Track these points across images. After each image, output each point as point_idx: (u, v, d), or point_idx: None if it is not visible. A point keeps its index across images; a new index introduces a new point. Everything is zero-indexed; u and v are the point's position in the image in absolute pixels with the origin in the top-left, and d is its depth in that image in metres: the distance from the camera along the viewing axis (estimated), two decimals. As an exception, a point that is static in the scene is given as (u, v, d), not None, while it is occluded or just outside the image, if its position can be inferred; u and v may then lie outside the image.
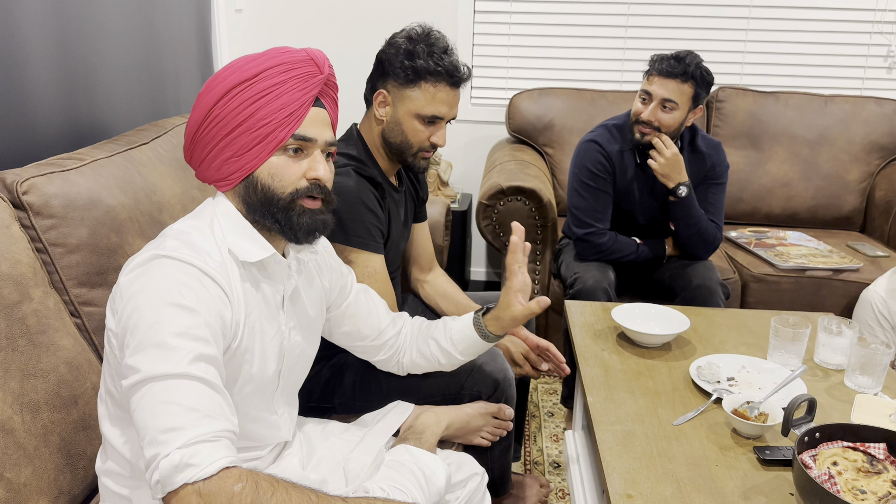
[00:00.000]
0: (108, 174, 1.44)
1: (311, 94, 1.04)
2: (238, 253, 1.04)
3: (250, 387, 1.08)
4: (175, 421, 0.87)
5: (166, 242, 1.00)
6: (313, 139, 1.05)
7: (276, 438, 1.18)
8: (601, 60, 3.18)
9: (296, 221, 1.05)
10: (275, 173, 1.04)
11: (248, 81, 1.02)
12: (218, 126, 1.03)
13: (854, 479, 1.13)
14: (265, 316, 1.09)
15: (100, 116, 1.78)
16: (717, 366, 1.55)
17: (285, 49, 1.06)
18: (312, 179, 1.06)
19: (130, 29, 1.91)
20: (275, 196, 1.04)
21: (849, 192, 2.90)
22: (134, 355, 0.91)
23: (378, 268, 1.49)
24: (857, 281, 2.39)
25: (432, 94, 1.48)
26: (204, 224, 1.05)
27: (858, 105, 2.93)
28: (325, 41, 3.24)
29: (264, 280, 1.09)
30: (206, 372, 0.92)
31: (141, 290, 0.94)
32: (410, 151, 1.53)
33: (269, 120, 1.02)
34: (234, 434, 0.93)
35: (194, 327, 0.93)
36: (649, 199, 2.25)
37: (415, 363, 1.40)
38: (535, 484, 1.86)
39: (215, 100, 1.03)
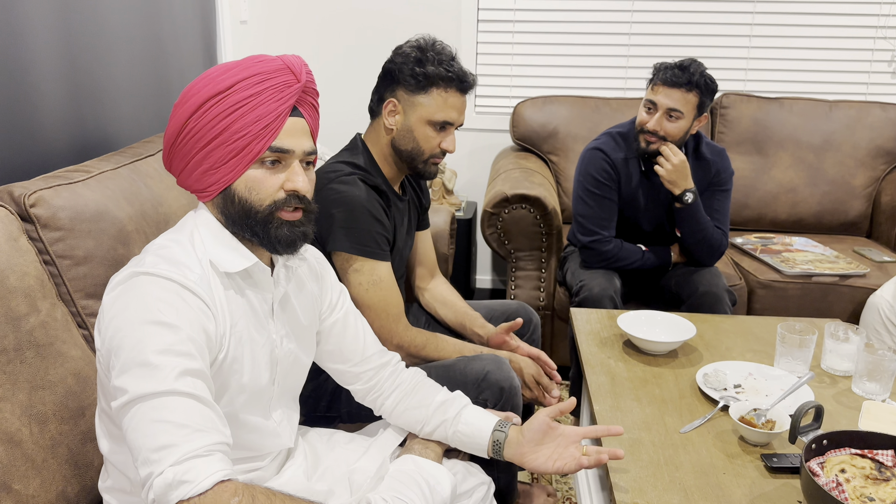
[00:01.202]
0: (114, 186, 1.45)
1: (288, 105, 1.02)
2: (218, 264, 1.03)
3: (244, 396, 1.07)
4: (166, 438, 0.87)
5: (146, 258, 1.00)
6: (290, 150, 1.03)
7: (276, 446, 1.17)
8: (605, 68, 3.19)
9: (274, 234, 1.04)
10: (252, 186, 1.03)
11: (221, 94, 1.00)
12: (193, 139, 1.02)
13: (862, 486, 1.12)
14: (253, 325, 1.08)
15: (106, 128, 1.80)
16: (724, 373, 1.54)
17: (260, 58, 1.04)
18: (290, 191, 1.04)
19: (136, 41, 1.93)
20: (252, 209, 1.03)
21: (855, 197, 2.89)
22: (120, 376, 0.91)
23: (384, 275, 1.49)
24: (864, 286, 2.38)
25: (444, 100, 1.50)
26: (184, 237, 1.05)
27: (863, 110, 2.92)
28: (329, 53, 3.26)
29: (250, 289, 1.08)
30: (194, 386, 0.92)
31: (122, 311, 0.94)
32: (422, 158, 1.55)
33: (244, 133, 1.00)
34: (228, 446, 0.93)
35: (177, 343, 0.93)
36: (654, 206, 2.25)
37: (396, 417, 1.30)
38: (542, 493, 1.85)
39: (190, 112, 1.01)
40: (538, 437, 1.21)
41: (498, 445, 1.23)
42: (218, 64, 2.57)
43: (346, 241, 1.47)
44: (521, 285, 2.50)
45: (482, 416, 1.26)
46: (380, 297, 1.48)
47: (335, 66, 3.27)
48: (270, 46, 3.25)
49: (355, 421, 1.55)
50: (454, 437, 1.26)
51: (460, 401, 1.29)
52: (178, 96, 2.15)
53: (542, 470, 1.20)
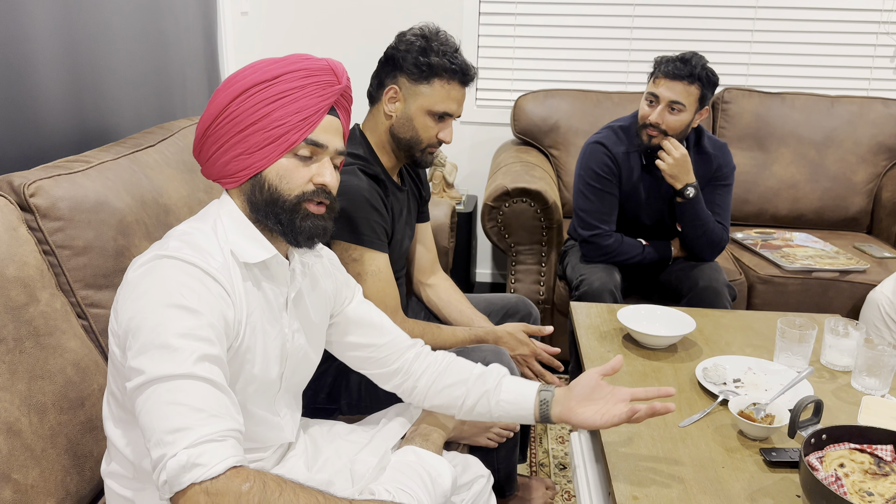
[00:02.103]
0: (114, 177, 1.45)
1: (328, 102, 1.05)
2: (239, 254, 1.05)
3: (253, 387, 1.08)
4: (181, 421, 0.88)
5: (169, 243, 1.01)
6: (325, 145, 1.06)
7: (279, 440, 1.18)
8: (607, 62, 3.18)
9: (298, 225, 1.06)
10: (283, 175, 1.05)
11: (267, 82, 1.03)
12: (232, 122, 1.04)
13: (861, 480, 1.12)
14: (267, 317, 1.09)
15: (107, 119, 1.79)
16: (724, 367, 1.54)
17: (307, 56, 1.07)
18: (319, 184, 1.06)
19: (137, 32, 1.92)
20: (281, 197, 1.05)
21: (855, 193, 2.89)
22: (137, 357, 0.92)
23: (382, 266, 1.49)
24: (864, 282, 2.38)
25: (446, 92, 1.50)
26: (207, 225, 1.06)
27: (865, 106, 2.92)
28: (330, 44, 3.25)
29: (267, 281, 1.09)
30: (211, 372, 0.92)
31: (144, 293, 0.95)
32: (419, 147, 1.55)
33: (284, 122, 1.02)
34: (241, 433, 0.93)
35: (197, 328, 0.93)
36: (655, 200, 2.25)
37: (432, 398, 1.28)
38: (541, 486, 1.85)
39: (232, 97, 1.04)
40: (587, 392, 1.20)
41: (545, 405, 1.21)
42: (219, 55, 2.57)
43: (346, 230, 1.46)
44: (521, 279, 2.50)
45: (524, 382, 1.25)
46: (378, 288, 1.48)
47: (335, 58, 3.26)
48: (272, 38, 3.25)
49: (355, 413, 1.55)
50: (497, 407, 1.24)
51: (499, 370, 1.28)
52: (178, 86, 2.15)
53: (591, 423, 1.16)
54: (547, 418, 1.21)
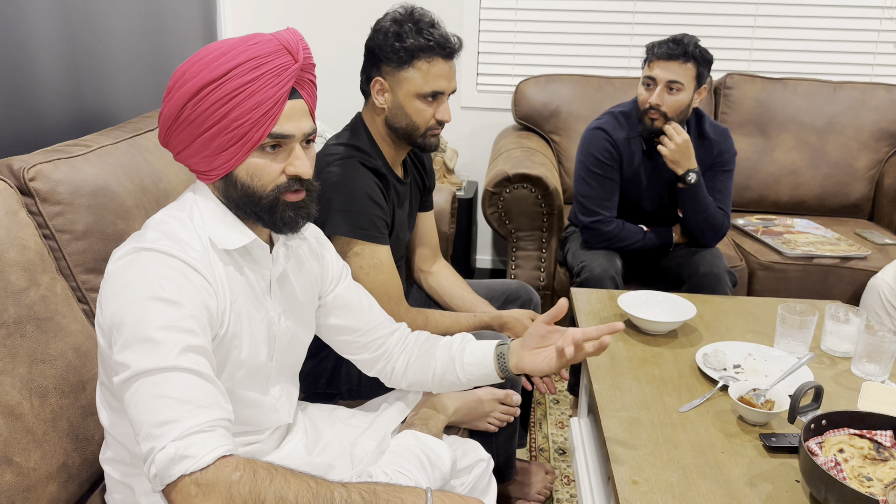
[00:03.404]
0: (114, 161, 1.44)
1: (286, 89, 1.00)
2: (218, 241, 1.03)
3: (242, 372, 1.08)
4: (168, 414, 0.88)
5: (147, 234, 1.00)
6: (291, 135, 1.01)
7: (275, 422, 1.17)
8: (608, 46, 3.16)
9: (279, 217, 1.04)
10: (254, 173, 1.01)
11: (217, 81, 0.97)
12: (192, 126, 1.00)
13: (860, 466, 1.13)
14: (251, 301, 1.08)
15: (106, 103, 1.78)
16: (724, 353, 1.54)
17: (256, 39, 1.00)
18: (292, 175, 1.02)
19: (135, 15, 1.91)
20: (256, 195, 1.02)
21: (857, 179, 2.88)
22: (122, 352, 0.91)
23: (384, 259, 1.49)
24: (865, 269, 2.38)
25: (427, 71, 1.47)
26: (184, 213, 1.04)
27: (868, 92, 2.90)
28: (328, 25, 3.22)
29: (248, 265, 1.08)
30: (196, 363, 0.92)
31: (124, 287, 0.94)
32: (418, 133, 1.52)
33: (243, 121, 0.98)
34: (230, 422, 0.93)
35: (179, 319, 0.93)
36: (656, 186, 2.24)
37: (408, 376, 1.31)
38: (541, 470, 1.86)
39: (186, 98, 0.99)
40: (537, 340, 1.21)
41: (503, 358, 1.23)
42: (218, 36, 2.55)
43: (345, 224, 1.46)
44: (522, 265, 2.50)
45: (485, 342, 1.27)
46: (380, 280, 1.47)
47: (333, 40, 3.24)
48: (271, 17, 3.22)
49: (355, 398, 1.56)
50: (463, 371, 1.26)
51: (464, 336, 1.30)
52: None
53: (540, 369, 1.19)
54: (506, 370, 1.24)
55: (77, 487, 1.17)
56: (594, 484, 1.78)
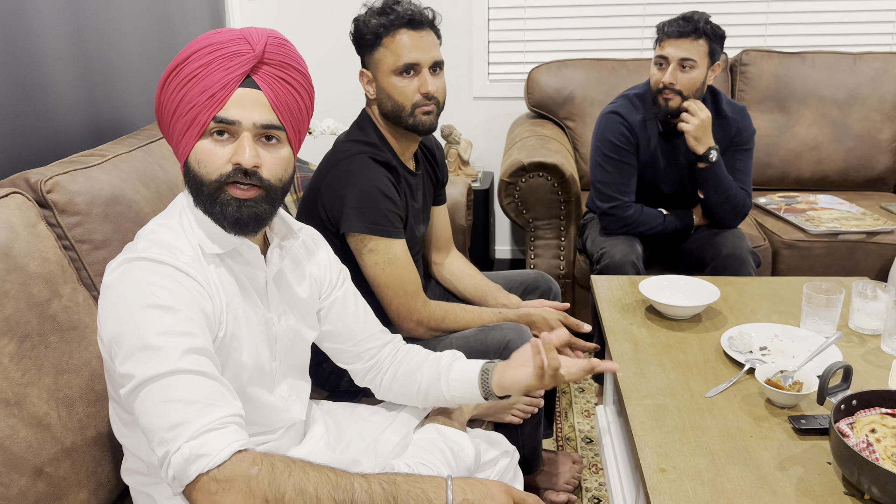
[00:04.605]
0: (129, 169, 1.45)
1: (236, 74, 0.97)
2: (205, 246, 1.03)
3: (246, 374, 1.08)
4: (178, 417, 0.88)
5: (138, 244, 1.00)
6: (236, 121, 0.98)
7: (286, 421, 1.17)
8: (620, 28, 3.12)
9: (219, 211, 1.00)
10: (201, 159, 0.99)
11: (179, 66, 0.98)
12: (164, 113, 1.01)
13: (894, 445, 1.10)
14: (247, 303, 1.08)
15: (119, 112, 1.80)
16: (749, 335, 1.52)
17: (220, 30, 1.01)
18: (236, 164, 0.98)
19: (145, 22, 1.92)
20: (202, 182, 0.99)
21: (881, 151, 2.82)
22: (125, 363, 0.92)
23: (400, 253, 1.48)
24: (892, 243, 2.33)
25: (395, 45, 1.46)
26: (174, 220, 1.04)
27: (889, 62, 2.83)
28: (339, 27, 3.22)
29: (241, 267, 1.08)
30: (199, 363, 0.92)
31: (119, 298, 0.94)
32: (406, 112, 1.50)
33: (193, 104, 0.97)
34: (241, 417, 0.94)
35: (176, 324, 0.93)
36: (674, 167, 2.21)
37: (394, 388, 1.29)
38: (568, 460, 1.85)
39: (160, 87, 1.01)
40: (524, 358, 1.18)
41: (486, 375, 1.20)
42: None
43: (359, 221, 1.45)
44: (541, 254, 2.48)
45: (474, 362, 1.25)
46: (396, 275, 1.47)
47: (345, 40, 3.24)
48: (281, 23, 3.23)
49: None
50: (448, 387, 1.23)
51: (454, 354, 1.28)
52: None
53: (520, 384, 1.15)
54: (488, 389, 1.20)
55: (107, 494, 1.18)
56: (622, 472, 1.77)
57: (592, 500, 1.84)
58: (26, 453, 1.04)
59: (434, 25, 1.51)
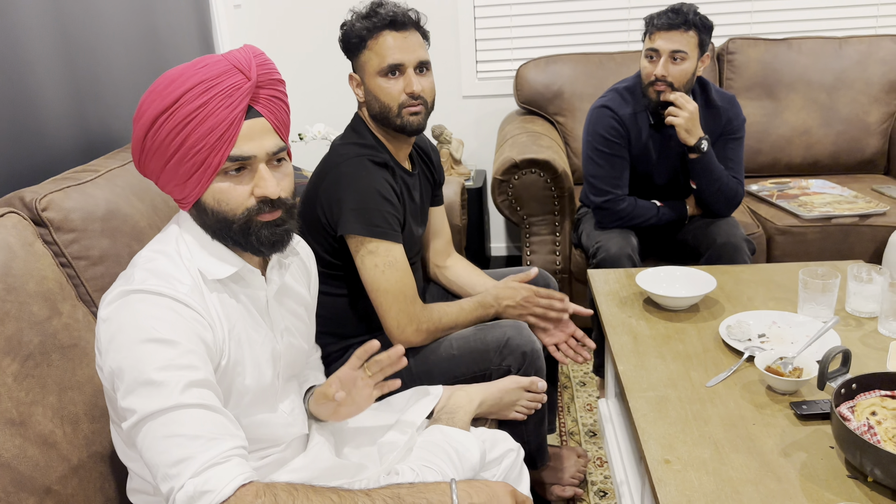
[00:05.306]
0: (123, 183, 1.45)
1: (240, 109, 0.97)
2: (207, 272, 1.02)
3: (249, 397, 1.08)
4: (181, 452, 0.88)
5: (135, 274, 0.99)
6: (252, 156, 0.99)
7: (291, 435, 1.17)
8: (606, 22, 3.12)
9: (255, 239, 1.01)
10: (220, 198, 1.00)
11: (169, 109, 0.96)
12: (156, 156, 1.00)
13: (894, 427, 1.11)
14: (250, 326, 1.08)
15: (110, 126, 1.79)
16: (748, 323, 1.53)
17: (204, 62, 0.99)
18: (261, 197, 1.00)
19: (132, 35, 1.91)
20: (227, 219, 1.01)
21: (870, 134, 2.83)
22: (126, 397, 0.92)
23: (398, 257, 1.49)
24: (885, 225, 2.34)
25: (378, 47, 1.48)
26: (170, 248, 1.03)
27: (874, 44, 2.85)
28: (325, 33, 3.22)
29: (242, 290, 1.08)
30: (201, 396, 0.92)
31: (117, 332, 0.94)
32: (392, 113, 1.51)
33: (200, 146, 0.96)
34: (244, 449, 0.94)
35: (176, 357, 0.93)
36: (666, 159, 2.22)
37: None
38: (573, 455, 1.86)
39: (145, 130, 0.99)
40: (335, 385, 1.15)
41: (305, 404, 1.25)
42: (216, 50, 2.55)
43: (358, 223, 1.46)
44: (537, 250, 2.49)
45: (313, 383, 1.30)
46: (396, 278, 1.47)
47: (331, 48, 3.23)
48: (266, 30, 3.22)
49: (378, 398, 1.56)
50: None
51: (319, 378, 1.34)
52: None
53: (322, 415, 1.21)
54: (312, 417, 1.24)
55: (116, 509, 1.19)
56: (627, 464, 1.77)
57: (598, 493, 1.85)
58: (34, 472, 1.04)
59: (419, 26, 1.52)
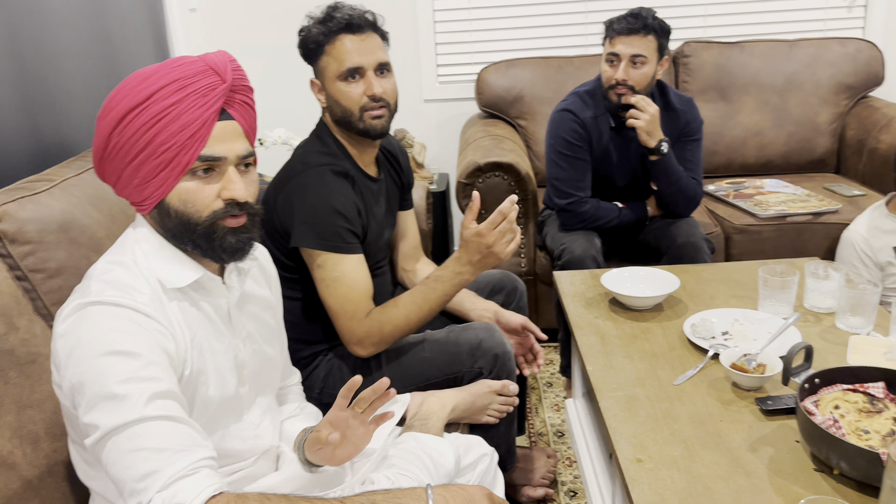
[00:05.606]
0: (79, 193, 1.41)
1: (214, 109, 0.97)
2: (166, 280, 1.00)
3: (213, 407, 1.05)
4: (148, 466, 0.86)
5: (91, 286, 0.96)
6: (222, 157, 0.98)
7: (258, 448, 1.15)
8: (563, 26, 3.16)
9: (219, 244, 1.00)
10: (186, 199, 0.98)
11: (141, 105, 0.95)
12: (120, 154, 0.98)
13: (857, 420, 1.15)
14: (212, 334, 1.06)
15: (63, 134, 1.74)
16: (711, 321, 1.56)
17: (180, 61, 0.98)
18: (228, 199, 0.99)
19: (84, 41, 1.86)
20: (191, 222, 0.99)
21: (820, 134, 2.92)
22: (88, 413, 0.89)
23: (347, 271, 1.45)
24: (838, 222, 2.42)
25: (336, 51, 1.47)
26: (126, 257, 1.01)
27: (822, 47, 2.94)
28: (283, 37, 3.18)
29: (203, 299, 1.05)
30: (165, 408, 0.90)
31: (76, 346, 0.91)
32: (354, 117, 1.50)
33: (169, 144, 0.95)
34: (213, 459, 0.92)
35: (139, 369, 0.90)
36: (627, 161, 2.25)
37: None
38: (542, 455, 1.87)
39: (111, 126, 0.97)
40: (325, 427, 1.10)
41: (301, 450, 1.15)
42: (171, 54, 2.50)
43: (308, 236, 1.44)
44: (502, 253, 2.49)
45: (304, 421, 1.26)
46: (339, 293, 1.44)
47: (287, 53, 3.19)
48: (223, 33, 3.17)
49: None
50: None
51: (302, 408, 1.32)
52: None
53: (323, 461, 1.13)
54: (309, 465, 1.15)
55: (80, 530, 1.15)
56: (596, 463, 1.79)
57: (569, 493, 1.86)
58: (-8, 495, 1.00)
59: (377, 27, 1.51)
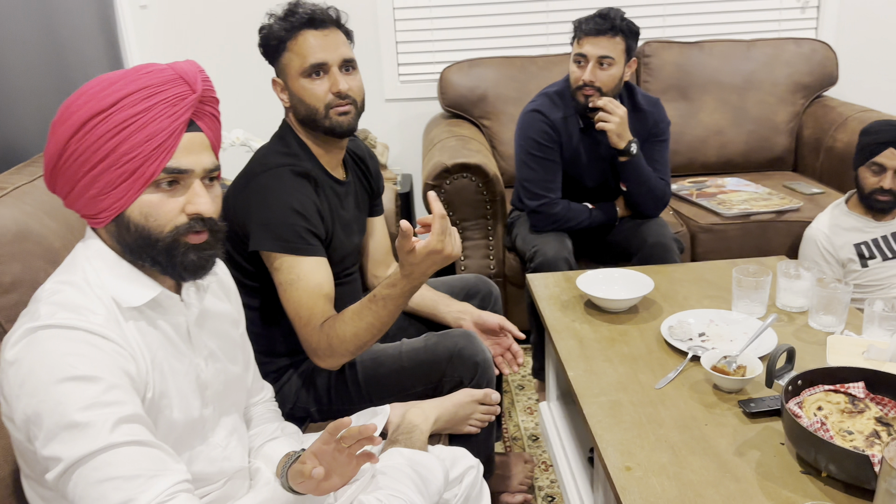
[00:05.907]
0: (32, 201, 1.33)
1: (183, 120, 0.93)
2: (121, 300, 0.94)
3: (178, 431, 0.99)
4: (120, 496, 0.81)
5: (40, 310, 0.89)
6: (189, 170, 0.93)
7: (227, 470, 1.08)
8: (526, 25, 3.15)
9: (180, 262, 0.94)
10: (149, 213, 0.93)
11: (105, 112, 0.90)
12: (77, 162, 0.91)
13: (840, 420, 1.15)
14: (172, 354, 1.00)
15: (12, 139, 1.65)
16: (688, 323, 1.56)
17: (149, 68, 0.93)
18: (193, 214, 0.94)
19: (31, 43, 1.77)
20: (152, 237, 0.93)
21: (778, 133, 2.98)
22: (48, 445, 0.82)
23: (302, 274, 1.38)
24: (799, 220, 2.46)
25: (299, 47, 1.43)
26: (77, 277, 0.94)
27: (779, 47, 2.99)
28: (240, 35, 3.09)
29: (161, 318, 0.99)
30: (132, 432, 0.84)
31: (29, 375, 0.84)
32: (320, 115, 1.45)
33: (134, 154, 0.90)
34: (189, 482, 0.87)
35: (100, 394, 0.84)
36: (596, 161, 2.25)
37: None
38: (520, 461, 1.85)
39: (70, 133, 0.91)
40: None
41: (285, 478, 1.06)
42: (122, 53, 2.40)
43: (266, 238, 1.38)
44: (470, 255, 2.47)
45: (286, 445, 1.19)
46: (294, 298, 1.38)
47: (240, 52, 3.11)
48: (175, 31, 3.06)
49: (326, 418, 1.50)
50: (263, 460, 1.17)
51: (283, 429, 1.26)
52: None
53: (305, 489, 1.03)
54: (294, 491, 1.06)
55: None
56: (574, 466, 1.78)
57: (546, 498, 1.84)
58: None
59: (340, 24, 1.48)
